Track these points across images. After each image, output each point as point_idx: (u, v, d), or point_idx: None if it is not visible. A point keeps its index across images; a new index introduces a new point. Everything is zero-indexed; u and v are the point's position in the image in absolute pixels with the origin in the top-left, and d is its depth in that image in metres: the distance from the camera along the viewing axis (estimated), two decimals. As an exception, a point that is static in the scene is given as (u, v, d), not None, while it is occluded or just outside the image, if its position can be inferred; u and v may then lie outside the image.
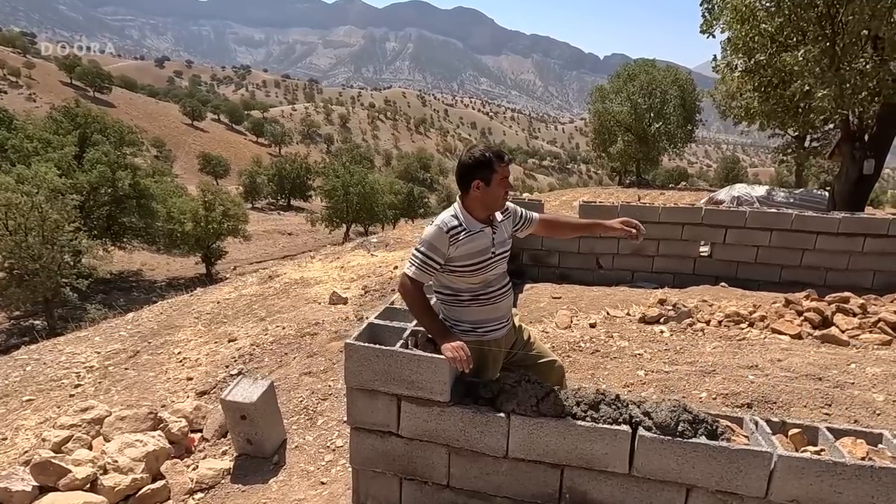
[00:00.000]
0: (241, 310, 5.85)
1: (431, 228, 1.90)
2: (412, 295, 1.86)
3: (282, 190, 48.33)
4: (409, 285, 1.86)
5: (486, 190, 1.88)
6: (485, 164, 1.87)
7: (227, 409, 2.53)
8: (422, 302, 1.87)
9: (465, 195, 1.92)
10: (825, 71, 5.38)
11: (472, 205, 1.91)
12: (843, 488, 1.54)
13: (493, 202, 1.92)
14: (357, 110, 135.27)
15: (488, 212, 1.94)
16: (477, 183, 1.88)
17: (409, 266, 1.89)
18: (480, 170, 1.87)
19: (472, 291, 1.94)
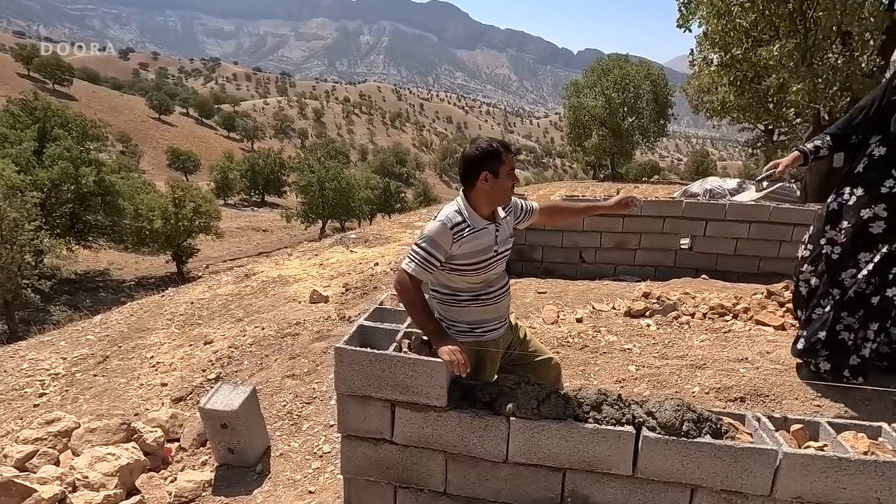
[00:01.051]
0: (217, 310, 5.64)
1: (434, 224, 1.82)
2: (410, 293, 1.77)
3: (255, 186, 47.40)
4: (407, 282, 1.77)
5: (495, 182, 1.82)
6: (493, 154, 1.80)
7: (206, 418, 2.39)
8: (419, 300, 1.79)
9: (470, 189, 1.85)
10: (799, 66, 5.49)
11: (478, 199, 1.84)
12: (846, 483, 1.53)
13: (501, 195, 1.86)
14: (331, 104, 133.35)
15: (494, 205, 1.87)
16: (485, 175, 1.81)
17: (408, 262, 1.80)
18: (488, 161, 1.80)
19: (472, 291, 1.88)
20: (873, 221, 2.41)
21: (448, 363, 1.66)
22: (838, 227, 2.50)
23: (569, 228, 5.48)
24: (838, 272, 2.49)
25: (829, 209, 2.56)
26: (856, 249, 2.45)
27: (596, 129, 28.99)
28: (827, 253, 2.52)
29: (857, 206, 2.45)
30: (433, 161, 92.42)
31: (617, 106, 28.80)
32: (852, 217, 2.45)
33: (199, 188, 28.32)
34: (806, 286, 2.67)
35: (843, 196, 2.52)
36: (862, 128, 2.51)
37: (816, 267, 2.60)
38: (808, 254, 2.66)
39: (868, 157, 2.46)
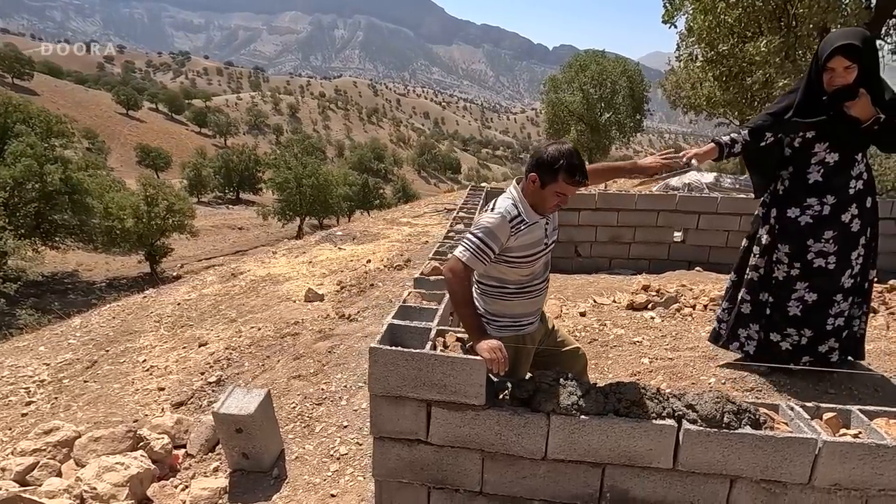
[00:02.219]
0: (207, 311, 5.48)
1: (494, 217, 1.79)
2: (461, 281, 1.73)
3: (230, 183, 46.37)
4: (460, 270, 1.73)
5: (538, 190, 1.81)
6: (550, 167, 1.76)
7: (220, 423, 2.31)
8: (467, 291, 1.77)
9: (526, 181, 1.85)
10: (784, 61, 5.63)
11: (526, 194, 1.85)
12: (884, 470, 1.56)
13: (538, 204, 1.84)
14: (307, 100, 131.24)
15: (533, 207, 1.85)
16: (534, 177, 1.80)
17: (462, 250, 1.75)
18: (544, 169, 1.78)
19: (519, 283, 1.89)
20: (852, 221, 2.45)
21: (488, 361, 1.63)
22: (823, 238, 2.46)
23: (564, 223, 5.50)
24: (838, 279, 2.48)
25: (803, 224, 2.48)
26: (847, 252, 2.47)
27: (574, 125, 29.23)
28: (821, 265, 2.47)
29: (834, 213, 2.45)
30: (411, 157, 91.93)
31: (594, 101, 29.06)
32: (835, 225, 2.45)
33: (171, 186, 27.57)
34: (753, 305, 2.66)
35: (812, 208, 2.46)
36: (776, 129, 2.47)
37: (811, 281, 2.51)
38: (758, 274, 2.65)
39: (822, 166, 2.44)
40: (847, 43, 2.20)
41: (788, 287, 2.55)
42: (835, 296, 2.49)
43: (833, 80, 2.27)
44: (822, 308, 2.50)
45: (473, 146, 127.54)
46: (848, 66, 2.22)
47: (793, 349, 2.58)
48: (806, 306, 2.53)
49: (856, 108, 2.28)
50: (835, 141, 2.40)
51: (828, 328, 2.52)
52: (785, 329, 2.58)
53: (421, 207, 13.68)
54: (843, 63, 2.22)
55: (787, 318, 2.57)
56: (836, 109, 2.32)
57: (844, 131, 2.36)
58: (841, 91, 2.28)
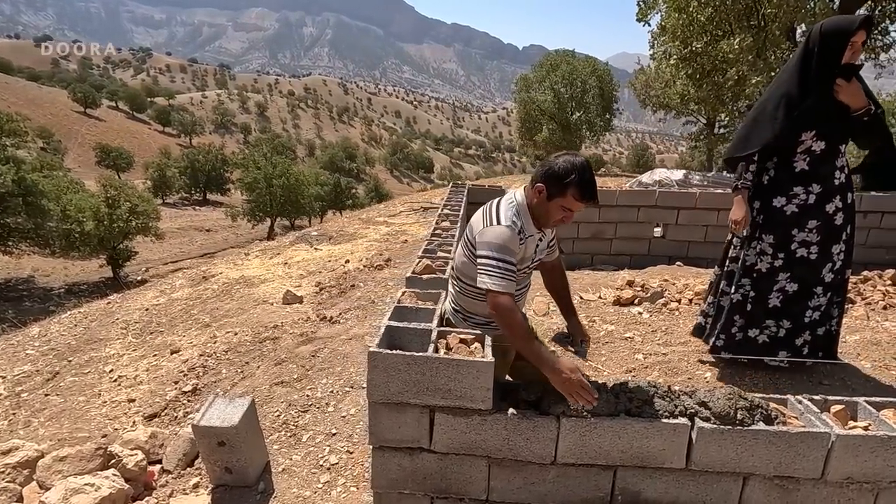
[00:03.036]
0: (178, 316, 5.23)
1: (503, 231, 1.67)
2: (512, 313, 1.59)
3: (196, 184, 45.04)
4: (505, 303, 1.59)
5: (543, 202, 1.71)
6: (560, 179, 1.66)
7: (201, 437, 2.15)
8: (524, 325, 1.66)
9: (532, 190, 1.74)
10: (756, 59, 5.75)
11: (530, 204, 1.75)
12: (894, 461, 1.54)
13: (541, 217, 1.75)
14: (275, 98, 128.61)
15: (534, 219, 1.76)
16: (541, 188, 1.70)
17: (491, 281, 1.61)
18: (553, 181, 1.68)
19: None
20: (836, 214, 2.48)
21: (576, 396, 1.52)
22: (806, 227, 2.47)
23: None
24: (819, 270, 2.49)
25: (789, 213, 2.49)
26: (829, 244, 2.48)
27: (546, 124, 29.50)
28: (803, 255, 2.49)
29: (819, 202, 2.46)
30: (383, 156, 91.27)
31: (565, 101, 29.39)
32: (819, 214, 2.46)
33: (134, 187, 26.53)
34: (738, 295, 2.65)
35: (798, 197, 2.47)
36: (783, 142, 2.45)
37: (791, 272, 2.54)
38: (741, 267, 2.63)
39: (809, 154, 2.45)
40: (870, 15, 2.26)
41: (771, 278, 2.56)
42: (815, 288, 2.51)
43: (855, 55, 2.30)
44: (801, 299, 2.52)
45: (446, 145, 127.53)
46: (863, 41, 2.27)
47: (770, 342, 2.59)
48: (786, 297, 2.54)
49: (845, 92, 2.30)
50: (822, 129, 2.42)
51: (805, 320, 2.54)
52: (764, 322, 2.59)
53: (396, 206, 13.51)
54: (863, 37, 2.27)
55: (767, 310, 2.57)
56: (828, 94, 2.35)
57: (834, 117, 2.37)
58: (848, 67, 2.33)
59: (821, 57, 2.33)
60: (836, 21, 2.36)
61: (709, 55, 6.28)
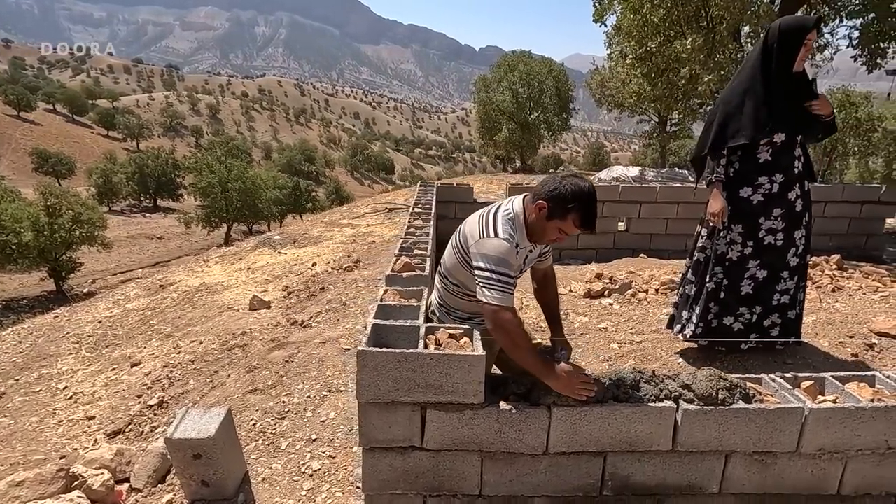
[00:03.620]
0: (136, 327, 4.97)
1: (500, 244, 1.64)
2: (515, 328, 1.58)
3: (145, 189, 43.02)
4: (507, 319, 1.56)
5: (541, 220, 1.69)
6: (564, 203, 1.64)
7: (175, 450, 2.04)
8: (526, 338, 1.65)
9: (532, 205, 1.72)
10: (708, 59, 6.03)
11: (527, 218, 1.74)
12: (861, 430, 1.64)
13: (535, 233, 1.74)
14: (228, 99, 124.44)
15: (528, 234, 1.76)
16: (542, 205, 1.68)
17: (491, 294, 1.58)
18: (556, 202, 1.66)
19: None
20: (797, 201, 2.63)
21: (580, 392, 1.56)
22: (772, 215, 2.59)
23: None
24: (785, 256, 2.62)
25: (755, 202, 2.60)
26: (792, 230, 2.62)
27: (505, 123, 29.86)
28: (771, 242, 2.60)
29: (782, 191, 2.58)
30: (343, 158, 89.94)
31: (523, 101, 29.84)
32: (782, 202, 2.59)
33: (77, 194, 25.09)
34: (712, 283, 2.74)
35: (763, 186, 2.59)
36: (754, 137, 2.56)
37: (760, 259, 2.66)
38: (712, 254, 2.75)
39: (771, 146, 2.57)
40: (821, 16, 2.39)
41: (742, 266, 2.67)
42: (782, 272, 2.64)
43: (806, 53, 2.43)
44: (770, 284, 2.65)
45: (406, 146, 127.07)
46: (813, 40, 2.40)
47: (744, 328, 2.72)
48: (757, 283, 2.66)
49: (819, 105, 2.45)
50: (790, 127, 2.55)
51: (774, 304, 2.67)
52: (737, 309, 2.71)
53: (360, 208, 13.34)
54: (814, 36, 2.39)
55: (740, 297, 2.69)
56: (802, 111, 2.48)
57: (802, 118, 2.52)
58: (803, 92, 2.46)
59: (780, 54, 2.46)
60: (793, 20, 2.50)
61: (662, 55, 6.54)
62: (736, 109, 2.59)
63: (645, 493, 1.71)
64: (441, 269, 1.95)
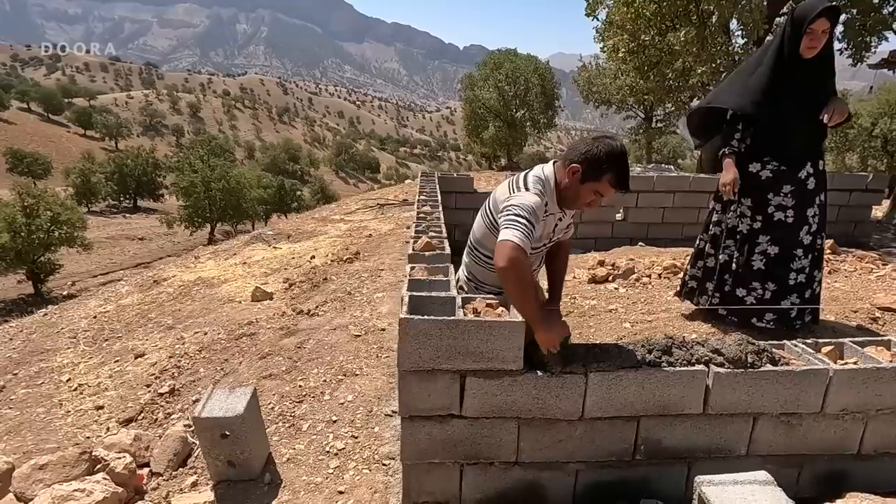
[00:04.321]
0: (134, 321, 4.89)
1: (530, 196, 1.63)
2: (525, 267, 1.51)
3: (125, 190, 42.18)
4: (521, 257, 1.49)
5: (575, 183, 1.67)
6: (598, 163, 1.62)
7: (202, 429, 2.03)
8: (532, 281, 1.64)
9: (563, 169, 1.70)
10: (701, 51, 6.15)
11: (559, 183, 1.72)
12: (882, 391, 1.71)
13: (568, 198, 1.72)
14: (209, 98, 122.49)
15: (559, 200, 1.74)
16: (576, 168, 1.66)
17: (512, 232, 1.52)
18: (591, 163, 1.63)
19: None
20: (808, 179, 2.70)
21: (553, 346, 1.59)
22: (781, 192, 2.65)
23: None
24: (797, 233, 2.67)
25: (764, 178, 2.67)
26: (804, 207, 2.68)
27: (492, 121, 29.93)
28: (781, 219, 2.66)
29: (792, 168, 2.65)
30: (328, 157, 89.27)
31: (510, 98, 29.94)
32: (792, 179, 2.65)
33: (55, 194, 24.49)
34: (725, 255, 2.83)
35: (772, 164, 2.65)
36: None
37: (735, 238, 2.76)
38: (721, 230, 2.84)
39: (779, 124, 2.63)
40: (832, 5, 2.40)
41: (752, 240, 2.74)
42: (795, 250, 2.71)
43: (812, 41, 2.47)
44: (784, 262, 2.72)
45: (391, 145, 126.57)
46: (825, 30, 2.43)
47: (757, 303, 2.78)
48: (769, 259, 2.73)
49: (837, 116, 2.49)
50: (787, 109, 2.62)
51: (790, 283, 2.74)
52: (750, 283, 2.78)
53: (350, 205, 13.30)
54: (823, 25, 2.42)
55: (752, 271, 2.76)
56: (812, 99, 2.54)
57: (809, 111, 2.58)
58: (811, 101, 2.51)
59: (789, 39, 2.53)
60: (803, 6, 2.55)
61: (656, 47, 6.65)
62: (738, 78, 2.69)
63: (676, 456, 1.75)
64: (471, 242, 1.97)
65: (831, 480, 1.80)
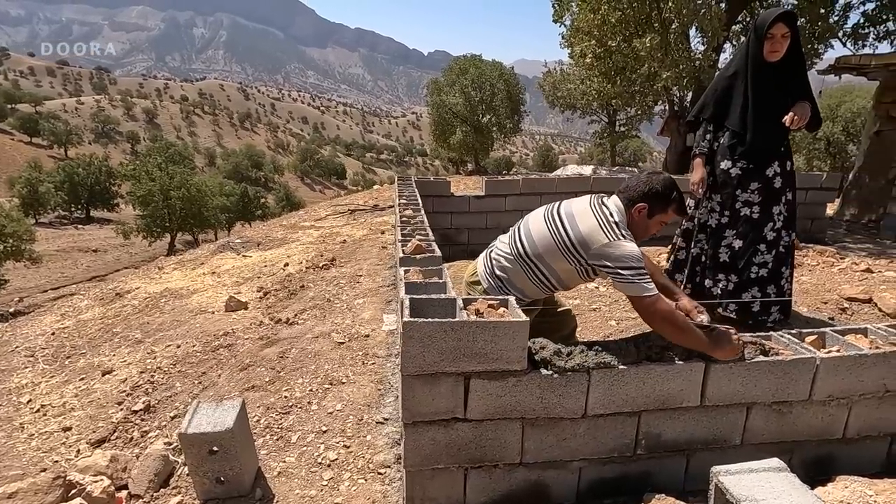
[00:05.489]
0: (98, 336, 4.64)
1: (634, 248, 1.75)
2: (676, 313, 1.71)
3: (77, 200, 40.27)
4: (667, 307, 1.69)
5: (643, 220, 1.85)
6: (664, 198, 1.86)
7: (189, 446, 1.92)
8: (682, 316, 1.72)
9: (630, 210, 1.86)
10: (665, 56, 6.37)
11: (631, 223, 1.87)
12: (864, 376, 1.79)
13: (639, 233, 1.87)
14: (166, 104, 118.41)
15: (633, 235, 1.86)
16: (643, 207, 1.84)
17: (646, 285, 1.69)
18: (656, 199, 1.85)
19: (566, 286, 2.05)
20: (775, 177, 2.83)
21: (738, 353, 1.71)
22: (749, 189, 2.76)
23: (492, 209, 5.63)
24: (761, 229, 2.79)
25: (733, 175, 2.77)
26: (769, 205, 2.81)
27: (459, 126, 30.13)
28: (746, 215, 2.77)
29: (760, 167, 2.76)
30: (293, 163, 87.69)
31: (476, 103, 30.23)
32: (760, 177, 2.76)
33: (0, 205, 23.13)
34: (697, 248, 2.96)
35: (741, 162, 2.75)
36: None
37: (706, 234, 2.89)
38: (694, 224, 2.97)
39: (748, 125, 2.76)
40: (787, 11, 2.53)
41: (720, 234, 2.87)
42: (759, 245, 2.83)
43: (773, 45, 2.59)
44: (747, 255, 2.83)
45: (357, 151, 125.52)
46: (785, 34, 2.55)
47: (722, 294, 2.89)
48: (733, 252, 2.84)
49: (798, 119, 2.60)
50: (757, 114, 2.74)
51: (752, 276, 2.85)
52: (716, 275, 2.89)
53: (319, 211, 13.10)
54: (781, 30, 2.54)
55: (718, 264, 2.87)
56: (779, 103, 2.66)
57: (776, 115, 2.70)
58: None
59: (753, 43, 2.66)
60: (765, 13, 2.70)
61: (622, 53, 6.85)
62: (715, 82, 2.83)
63: (675, 449, 1.78)
64: (524, 254, 1.95)
65: (819, 465, 1.87)
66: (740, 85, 2.72)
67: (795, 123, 2.58)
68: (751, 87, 2.68)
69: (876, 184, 6.88)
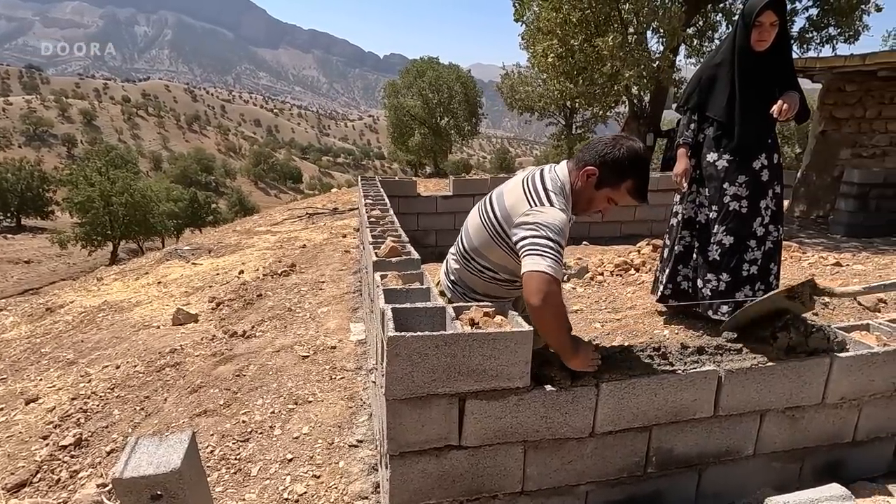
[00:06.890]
0: (22, 358, 4.11)
1: (558, 214, 1.43)
2: (561, 302, 1.36)
3: (5, 207, 37.28)
4: (557, 291, 1.33)
5: (589, 188, 1.52)
6: (619, 168, 1.49)
7: (125, 493, 1.60)
8: (565, 313, 1.45)
9: (577, 171, 1.53)
10: (627, 55, 6.40)
11: (574, 186, 1.55)
12: (874, 375, 1.70)
13: (580, 203, 1.57)
14: (106, 105, 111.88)
15: (574, 203, 1.56)
16: (592, 171, 1.51)
17: (545, 263, 1.33)
18: (610, 168, 1.49)
19: (514, 275, 1.63)
20: (762, 171, 2.78)
21: (591, 365, 1.47)
22: (736, 182, 2.68)
23: (460, 210, 5.44)
24: (750, 224, 2.71)
25: (720, 168, 2.70)
26: (757, 199, 2.77)
27: (417, 128, 30.00)
28: (735, 209, 2.68)
29: (747, 160, 2.68)
30: (246, 167, 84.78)
31: (434, 106, 30.19)
32: (747, 170, 2.68)
33: (-86, 214, 21.03)
34: (680, 246, 2.88)
35: (727, 154, 2.68)
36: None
37: (692, 229, 2.81)
38: (679, 219, 2.89)
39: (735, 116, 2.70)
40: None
41: (709, 230, 2.76)
42: (749, 241, 2.75)
43: (762, 34, 2.50)
44: (737, 252, 2.75)
45: (313, 154, 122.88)
46: (773, 22, 2.47)
47: (713, 295, 2.80)
48: (723, 250, 2.75)
49: (787, 110, 2.52)
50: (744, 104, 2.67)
51: (744, 274, 2.77)
52: (706, 275, 2.79)
53: (275, 216, 12.56)
54: (770, 18, 2.46)
55: (708, 262, 2.77)
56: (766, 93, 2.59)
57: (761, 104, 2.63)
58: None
59: (741, 32, 2.57)
60: (750, 1, 2.60)
61: (584, 52, 6.85)
62: (700, 75, 2.74)
63: (688, 465, 1.63)
64: (463, 248, 1.74)
65: (829, 470, 1.77)
66: (726, 74, 2.64)
67: (784, 114, 2.51)
68: (737, 77, 2.61)
69: (822, 181, 7.17)
